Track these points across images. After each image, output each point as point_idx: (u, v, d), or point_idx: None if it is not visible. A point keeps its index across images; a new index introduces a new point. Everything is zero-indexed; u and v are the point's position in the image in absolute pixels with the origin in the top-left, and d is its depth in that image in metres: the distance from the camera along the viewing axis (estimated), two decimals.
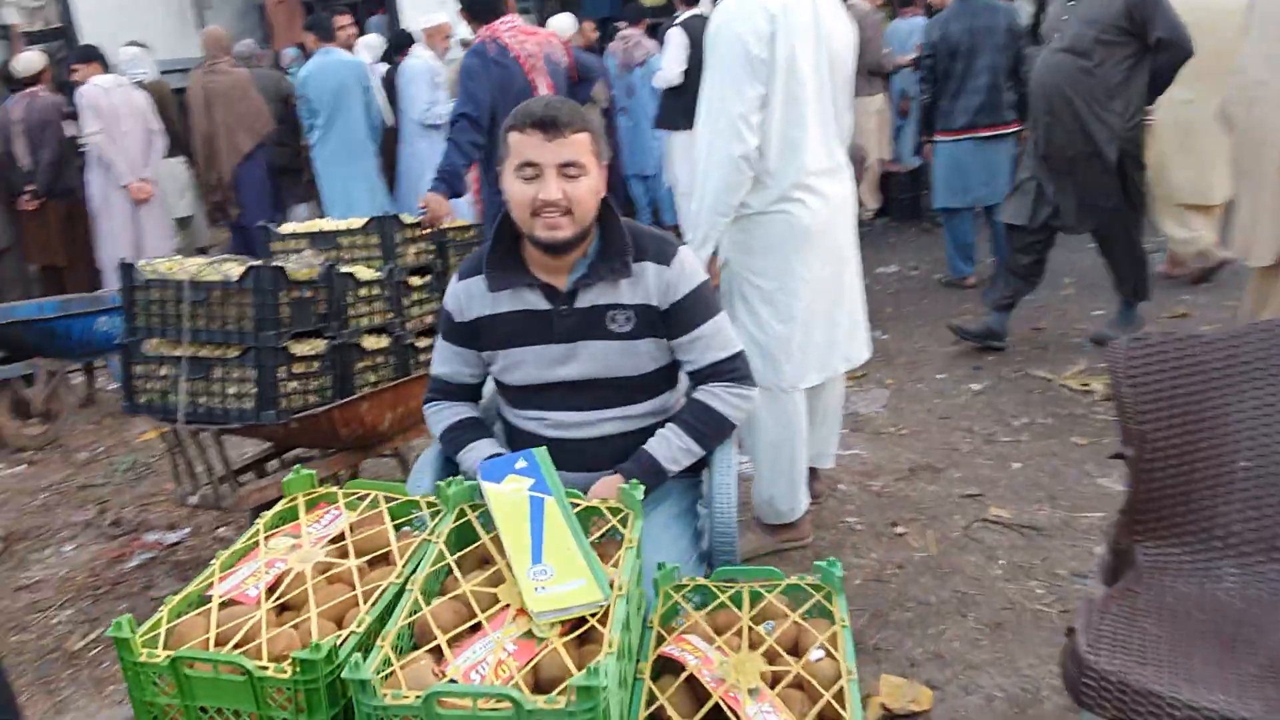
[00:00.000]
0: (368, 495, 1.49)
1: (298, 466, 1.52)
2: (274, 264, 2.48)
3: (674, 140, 5.80)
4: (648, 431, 1.87)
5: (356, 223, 3.07)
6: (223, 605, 1.24)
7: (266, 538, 1.39)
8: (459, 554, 1.31)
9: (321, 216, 5.55)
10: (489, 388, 2.04)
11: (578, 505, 1.38)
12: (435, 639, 1.12)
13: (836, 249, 2.64)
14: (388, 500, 1.49)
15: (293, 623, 1.19)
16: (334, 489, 1.52)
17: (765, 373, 2.62)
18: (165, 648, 1.18)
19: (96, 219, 5.54)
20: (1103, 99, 3.81)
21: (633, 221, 1.88)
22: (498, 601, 1.20)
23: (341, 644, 1.14)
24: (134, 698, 1.14)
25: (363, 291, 2.84)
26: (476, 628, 1.16)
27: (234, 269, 2.53)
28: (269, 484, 2.68)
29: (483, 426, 1.97)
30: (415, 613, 1.18)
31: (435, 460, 2.01)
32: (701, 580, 1.43)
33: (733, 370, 1.85)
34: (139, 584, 3.10)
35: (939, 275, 5.84)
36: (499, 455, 1.67)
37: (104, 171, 5.45)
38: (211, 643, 1.17)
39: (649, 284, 1.79)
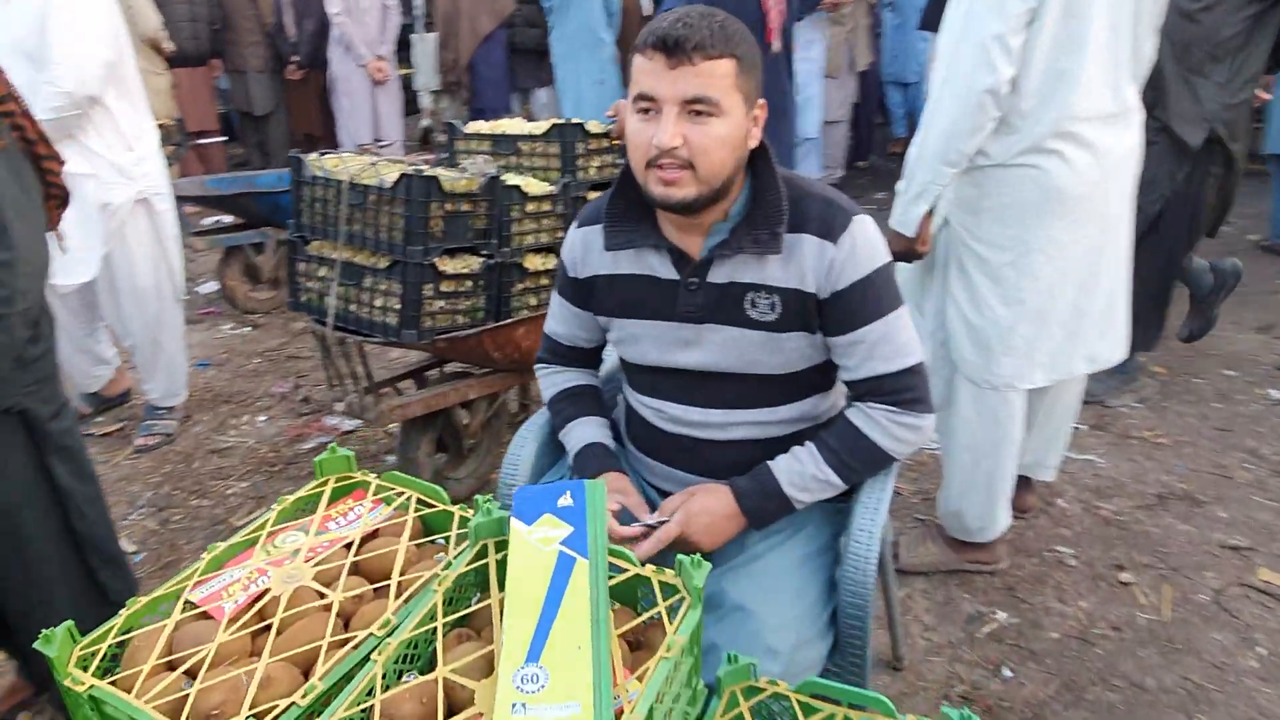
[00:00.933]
0: (404, 494, 1.24)
1: (332, 445, 1.30)
2: (427, 174, 2.27)
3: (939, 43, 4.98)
4: (788, 441, 1.48)
5: (539, 127, 2.80)
6: (194, 612, 1.05)
7: (274, 533, 1.18)
8: (457, 615, 1.03)
9: None
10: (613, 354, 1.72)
11: (622, 573, 1.05)
12: None
13: (1100, 219, 2.02)
14: (422, 506, 1.23)
15: (245, 668, 0.98)
16: (370, 478, 1.29)
17: (975, 363, 2.10)
18: (109, 662, 1.01)
19: (337, 97, 5.70)
20: (1202, 60, 2.68)
21: (799, 178, 1.44)
22: (471, 703, 0.91)
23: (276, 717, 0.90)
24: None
25: (530, 207, 2.58)
26: None
27: (392, 174, 2.35)
28: (413, 401, 2.56)
29: (593, 400, 1.67)
30: (369, 694, 0.92)
31: (542, 429, 1.74)
32: (783, 688, 1.06)
33: (903, 390, 1.40)
34: (307, 469, 3.17)
35: (1256, 236, 4.71)
36: (558, 480, 1.37)
37: (344, 51, 5.56)
38: (150, 669, 0.98)
39: (805, 263, 1.37)
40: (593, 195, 2.81)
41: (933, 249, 2.14)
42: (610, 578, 1.03)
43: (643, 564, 1.07)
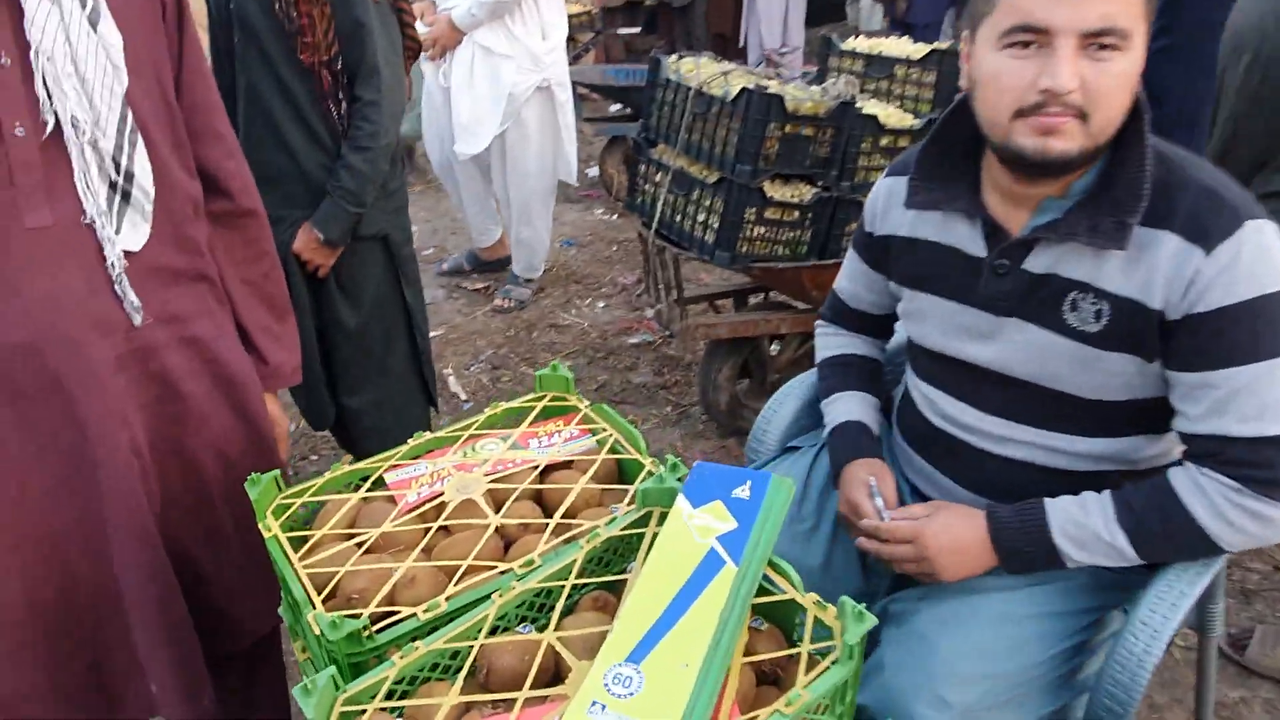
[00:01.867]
0: (605, 433, 1.18)
1: (555, 363, 1.26)
2: (771, 91, 2.12)
3: None
4: (1083, 483, 1.19)
5: (918, 51, 2.49)
6: (381, 492, 1.10)
7: (477, 436, 1.19)
8: (598, 580, 0.95)
9: None
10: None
11: (777, 594, 0.89)
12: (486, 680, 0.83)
13: None
14: (616, 450, 1.16)
15: (401, 561, 0.99)
16: (582, 405, 1.24)
17: None
18: (299, 522, 1.09)
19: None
20: None
21: (1178, 156, 1.10)
22: (560, 679, 0.84)
23: (383, 627, 0.91)
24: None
25: (884, 140, 2.33)
26: (549, 682, 0.83)
27: (738, 85, 2.23)
28: (720, 323, 2.50)
29: (866, 374, 1.47)
30: (473, 636, 0.88)
31: (807, 390, 1.58)
32: None
33: (1258, 465, 1.04)
34: (625, 363, 3.29)
35: None
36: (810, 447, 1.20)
37: None
38: (320, 537, 1.04)
39: (1157, 270, 1.05)
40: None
41: None
42: (762, 593, 0.88)
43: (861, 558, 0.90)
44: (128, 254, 1.12)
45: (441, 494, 1.08)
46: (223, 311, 1.27)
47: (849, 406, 1.42)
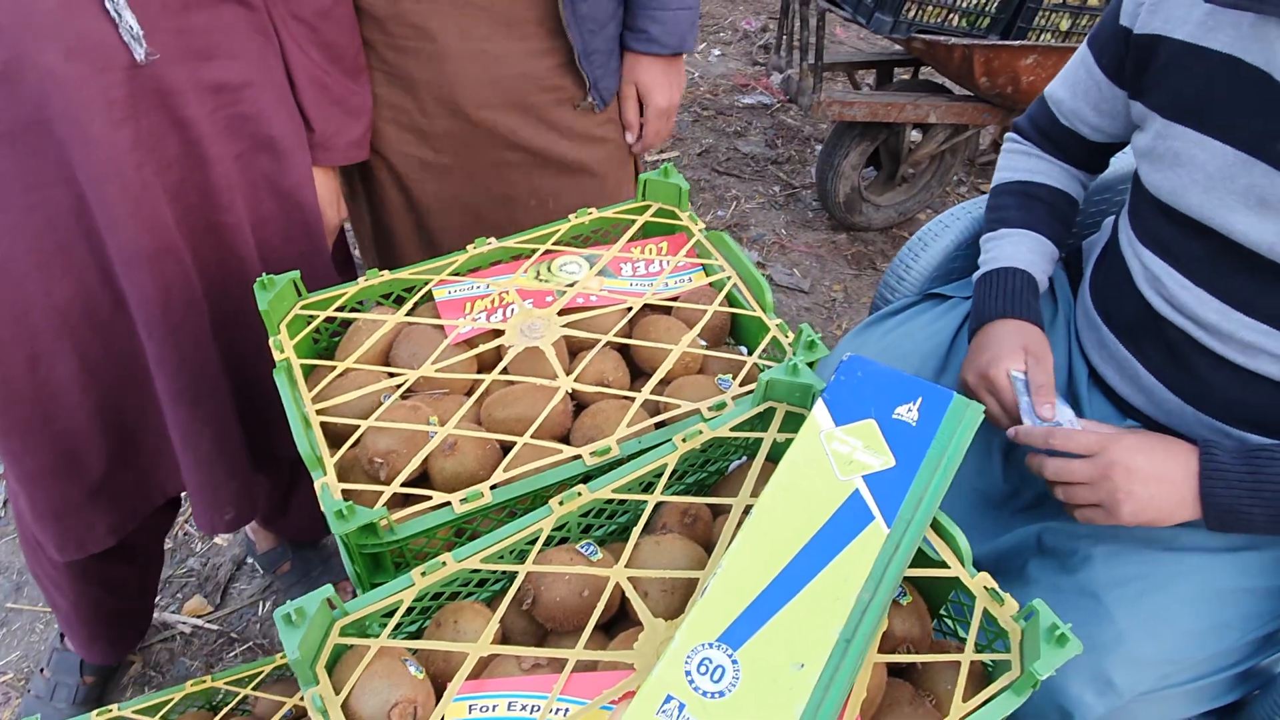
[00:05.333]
0: (722, 272, 0.89)
1: (666, 165, 0.95)
2: None
3: None
4: None
5: None
6: (427, 318, 0.86)
7: (549, 253, 0.91)
8: (686, 485, 0.71)
9: None
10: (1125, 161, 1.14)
11: (923, 570, 0.64)
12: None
13: None
14: (734, 299, 0.88)
15: (447, 414, 0.77)
16: (696, 228, 0.94)
17: None
18: (322, 343, 0.87)
19: None
20: None
21: None
22: (628, 618, 0.63)
23: (408, 516, 0.70)
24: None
25: None
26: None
27: None
28: (858, 102, 2.08)
29: (1054, 212, 1.14)
30: (521, 554, 0.67)
31: (971, 222, 1.25)
32: None
33: None
34: (734, 126, 2.88)
35: None
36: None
37: None
38: (344, 369, 0.82)
39: None
40: None
41: None
42: (915, 561, 0.64)
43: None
44: None
45: (502, 331, 0.83)
46: (267, 49, 0.97)
47: (1015, 249, 1.09)
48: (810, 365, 0.75)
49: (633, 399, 0.78)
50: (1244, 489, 0.85)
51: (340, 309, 0.87)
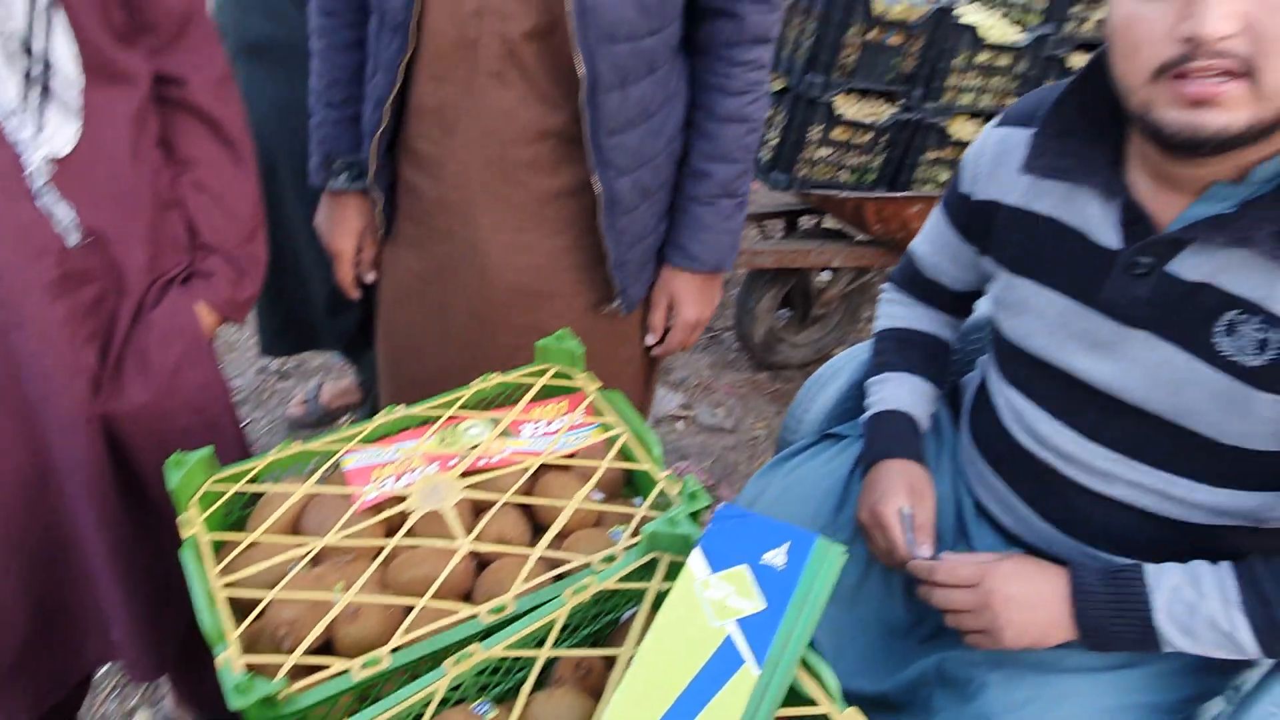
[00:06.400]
0: (615, 431, 0.96)
1: (562, 331, 1.03)
2: None
3: None
4: (1199, 539, 0.97)
5: None
6: (335, 487, 0.90)
7: (453, 418, 0.97)
8: (580, 637, 0.75)
9: None
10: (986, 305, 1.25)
11: (795, 709, 0.68)
12: None
13: None
14: (622, 457, 0.94)
15: (352, 580, 0.80)
16: (591, 389, 1.01)
17: None
18: (239, 506, 0.90)
19: None
20: None
21: None
22: None
23: (308, 686, 0.72)
24: None
25: (982, 57, 1.99)
26: None
27: None
28: (766, 250, 2.23)
29: (929, 356, 1.23)
30: (416, 715, 0.69)
31: (859, 367, 1.35)
32: None
33: None
34: None
35: None
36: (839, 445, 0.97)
37: None
38: (247, 545, 0.85)
39: None
40: (1076, 60, 2.11)
41: None
42: (787, 699, 0.68)
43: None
44: (55, 159, 0.89)
45: (406, 496, 0.87)
46: (179, 228, 1.05)
47: (897, 392, 1.18)
48: (693, 515, 0.81)
49: (530, 554, 0.82)
50: (1110, 609, 0.92)
51: (253, 480, 0.91)
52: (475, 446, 0.94)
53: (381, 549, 0.84)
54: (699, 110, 1.17)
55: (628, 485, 0.99)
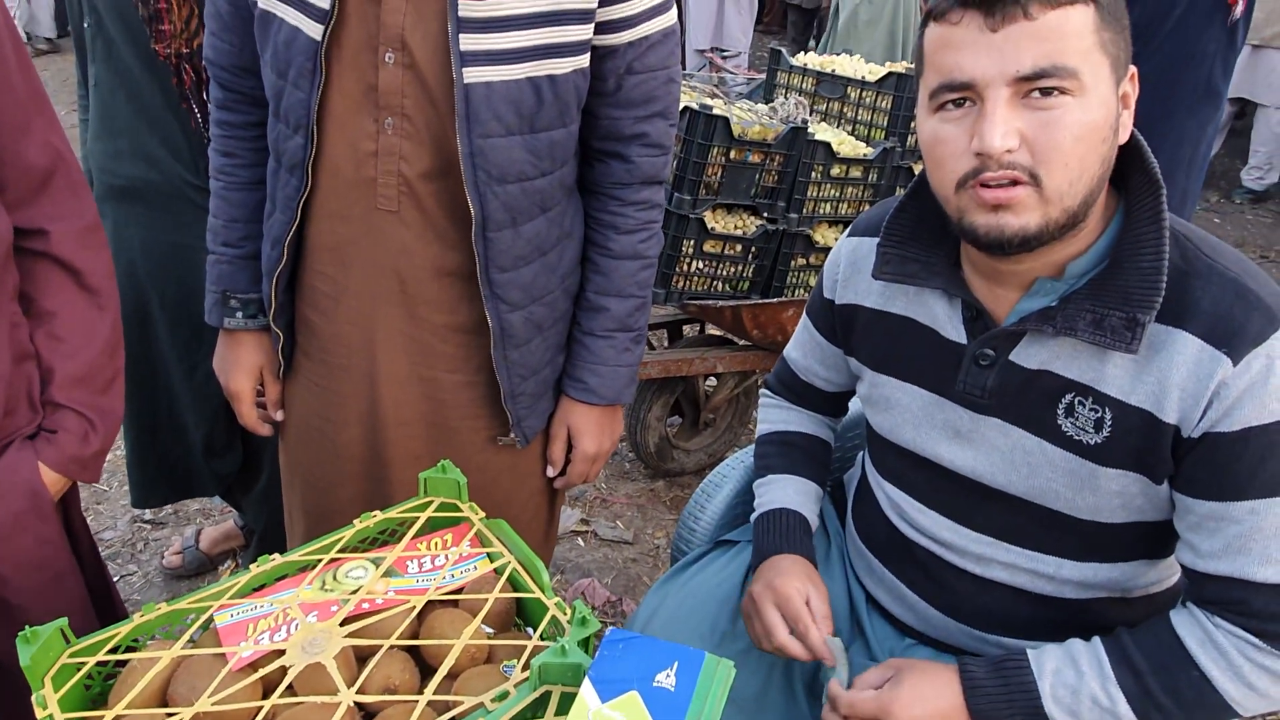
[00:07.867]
0: (502, 560, 0.95)
1: (444, 462, 1.02)
2: (716, 113, 1.90)
3: None
4: (1071, 612, 1.02)
5: (875, 72, 2.30)
6: (207, 649, 0.85)
7: (334, 561, 0.94)
8: None
9: None
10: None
11: None
12: None
13: None
14: (511, 586, 0.93)
15: None
16: (476, 518, 1.00)
17: None
18: (100, 677, 0.84)
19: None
20: None
21: (1199, 237, 0.92)
22: None
23: None
24: None
25: (836, 170, 2.13)
26: None
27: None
28: (651, 361, 2.28)
29: (810, 456, 1.27)
30: None
31: (745, 472, 1.38)
32: None
33: (1272, 612, 0.87)
34: None
35: None
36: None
37: None
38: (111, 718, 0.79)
39: (1173, 376, 0.87)
40: (920, 169, 2.29)
41: None
42: None
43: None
44: None
45: (284, 650, 0.83)
46: (34, 382, 1.00)
47: (783, 493, 1.22)
48: (584, 641, 0.80)
49: (417, 702, 0.79)
50: (1001, 700, 0.95)
51: (114, 650, 0.85)
52: (356, 590, 0.91)
53: (259, 710, 0.79)
54: (594, 247, 1.19)
55: (520, 615, 0.97)
